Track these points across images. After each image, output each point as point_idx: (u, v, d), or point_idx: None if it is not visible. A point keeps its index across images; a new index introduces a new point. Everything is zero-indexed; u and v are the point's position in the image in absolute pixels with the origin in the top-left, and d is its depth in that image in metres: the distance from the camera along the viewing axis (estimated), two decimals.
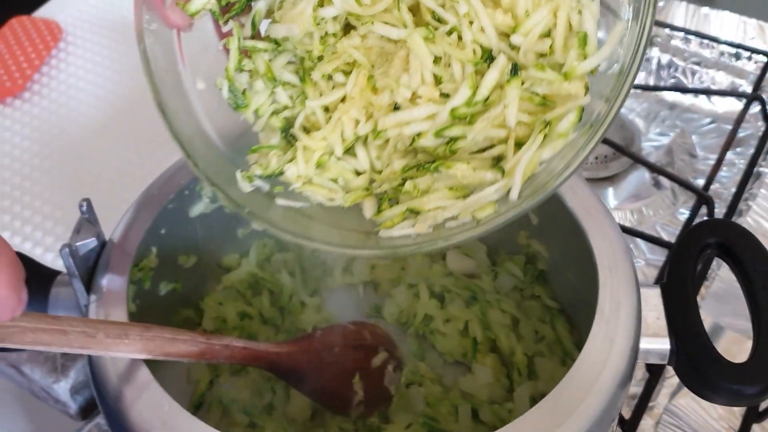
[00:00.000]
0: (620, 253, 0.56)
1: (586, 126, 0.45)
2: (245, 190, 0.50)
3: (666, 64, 1.00)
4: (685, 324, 0.54)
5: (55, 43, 0.96)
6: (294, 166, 0.51)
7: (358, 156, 0.52)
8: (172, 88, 0.49)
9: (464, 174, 0.48)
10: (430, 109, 0.49)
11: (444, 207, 0.48)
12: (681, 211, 0.86)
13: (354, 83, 0.50)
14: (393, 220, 0.49)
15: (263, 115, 0.53)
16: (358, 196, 0.51)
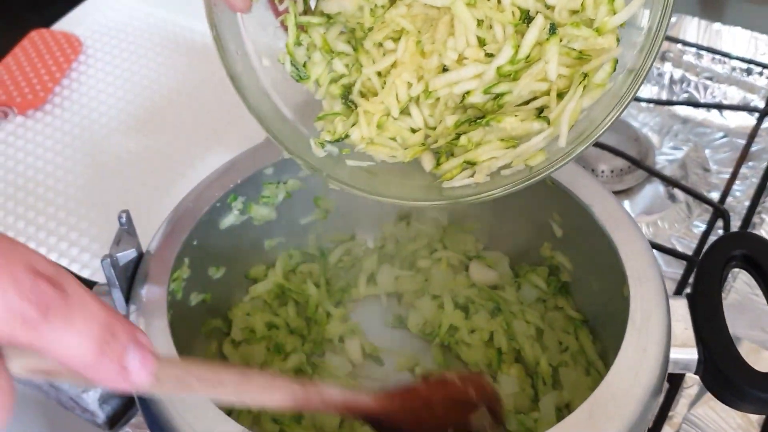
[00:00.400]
0: (649, 264, 0.57)
1: (624, 75, 0.50)
2: (319, 155, 0.56)
3: (679, 79, 1.02)
4: (713, 334, 0.55)
5: (75, 56, 0.97)
6: (357, 129, 0.56)
7: (412, 115, 0.57)
8: (243, 68, 0.54)
9: (513, 126, 0.52)
10: (476, 69, 0.53)
11: (497, 157, 0.53)
12: (695, 224, 0.87)
13: (404, 49, 0.55)
14: (452, 172, 0.54)
15: (323, 84, 0.58)
16: (416, 152, 0.56)
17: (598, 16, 0.51)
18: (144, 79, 0.96)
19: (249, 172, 0.65)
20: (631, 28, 0.51)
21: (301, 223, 0.74)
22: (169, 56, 0.99)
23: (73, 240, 0.80)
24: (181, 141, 0.88)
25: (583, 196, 0.62)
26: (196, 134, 0.89)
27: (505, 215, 0.73)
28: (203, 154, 0.87)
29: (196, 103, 0.93)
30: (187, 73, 0.96)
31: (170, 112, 0.91)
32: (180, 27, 1.03)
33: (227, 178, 0.65)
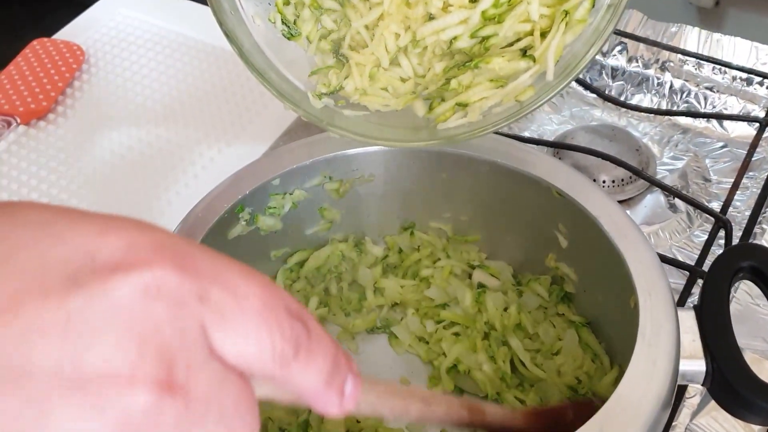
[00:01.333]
0: (658, 276, 0.58)
1: (603, 10, 0.53)
2: (318, 106, 0.58)
3: (679, 89, 1.02)
4: (722, 346, 0.55)
5: (77, 66, 0.97)
6: (351, 81, 0.59)
7: (402, 65, 0.59)
8: (240, 29, 0.57)
9: (501, 66, 0.55)
10: (462, 15, 0.56)
11: (488, 96, 0.56)
12: (696, 234, 0.88)
13: (390, 1, 0.57)
14: (445, 114, 0.57)
15: (313, 40, 0.60)
16: (407, 99, 0.58)
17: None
18: (146, 89, 0.96)
19: (256, 183, 0.66)
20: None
21: (306, 233, 0.74)
22: (172, 65, 0.99)
23: None
24: (185, 151, 0.88)
25: (590, 207, 0.62)
26: (199, 145, 0.89)
27: (509, 226, 0.73)
28: (207, 165, 0.87)
29: (200, 112, 0.93)
30: (190, 83, 0.96)
31: (173, 121, 0.91)
32: (182, 36, 1.03)
33: (235, 189, 0.65)
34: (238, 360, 0.31)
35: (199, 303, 0.30)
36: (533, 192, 0.66)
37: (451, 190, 0.72)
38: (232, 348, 0.31)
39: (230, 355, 0.31)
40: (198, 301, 0.30)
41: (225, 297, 0.31)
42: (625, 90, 1.04)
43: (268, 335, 0.32)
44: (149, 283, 0.28)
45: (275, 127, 0.91)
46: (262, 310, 0.31)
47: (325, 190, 0.71)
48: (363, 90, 0.59)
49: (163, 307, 0.29)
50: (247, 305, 0.31)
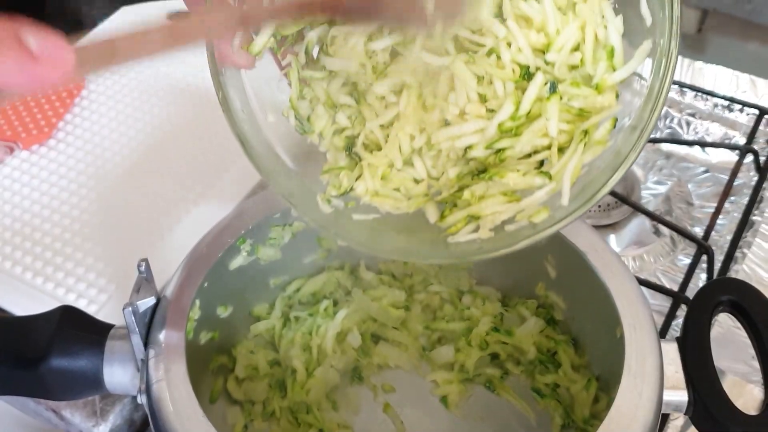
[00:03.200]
0: (642, 311, 0.61)
1: (627, 131, 0.51)
2: (326, 212, 0.57)
3: (662, 115, 1.05)
4: (703, 377, 0.58)
5: (78, 92, 0.99)
6: (362, 183, 0.57)
7: (415, 166, 0.57)
8: (250, 126, 0.55)
9: (515, 181, 0.53)
10: (478, 124, 0.54)
11: (500, 211, 0.54)
12: (680, 258, 0.91)
13: (406, 103, 0.56)
14: (457, 226, 0.55)
15: (327, 136, 0.59)
16: (419, 202, 0.57)
17: (597, 73, 0.52)
18: (146, 115, 0.98)
19: (259, 218, 0.68)
20: (633, 82, 0.52)
21: (305, 262, 0.77)
22: (170, 91, 1.01)
23: (80, 275, 0.82)
24: (184, 179, 0.90)
25: (578, 242, 0.65)
26: (198, 173, 0.91)
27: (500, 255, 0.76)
28: (206, 192, 0.89)
29: (199, 141, 0.95)
30: (189, 114, 0.99)
31: (172, 149, 0.94)
32: (180, 62, 1.05)
33: (238, 223, 0.68)
34: None
35: None
36: None
37: None
38: None
39: None
40: None
41: None
42: None
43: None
44: None
45: None
46: None
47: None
48: (374, 191, 0.57)
49: None
50: None
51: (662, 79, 0.49)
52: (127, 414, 0.73)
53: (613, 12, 0.52)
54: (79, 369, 0.59)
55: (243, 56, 0.55)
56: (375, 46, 0.55)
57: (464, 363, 0.75)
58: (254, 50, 0.55)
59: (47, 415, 0.74)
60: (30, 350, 0.59)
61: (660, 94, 0.49)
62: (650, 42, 0.50)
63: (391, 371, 0.77)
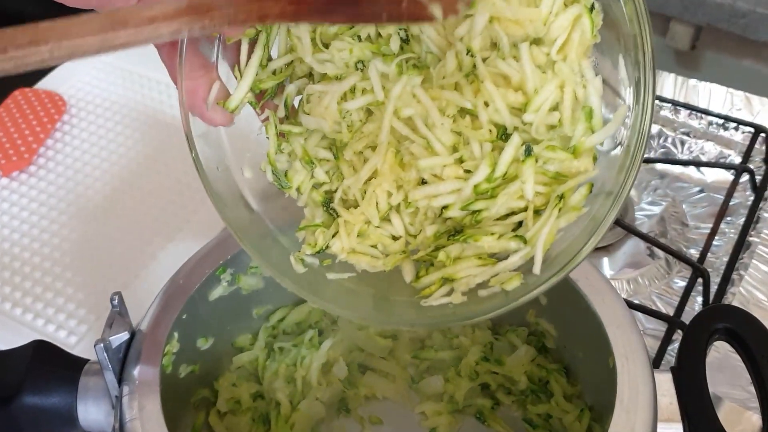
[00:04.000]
0: (635, 341, 0.59)
1: (603, 197, 0.49)
2: (300, 271, 0.56)
3: (656, 134, 1.04)
4: (698, 409, 0.57)
5: (59, 116, 0.98)
6: (338, 240, 0.55)
7: (393, 223, 0.56)
8: (224, 182, 0.54)
9: (490, 245, 0.52)
10: (454, 185, 0.53)
11: (474, 275, 0.53)
12: (675, 281, 0.89)
13: (383, 160, 0.54)
14: (431, 288, 0.54)
15: (304, 191, 0.57)
16: (396, 260, 0.56)
17: (575, 135, 0.50)
18: (126, 141, 0.97)
19: (238, 247, 0.66)
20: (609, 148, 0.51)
21: (289, 290, 0.74)
22: (152, 114, 1.00)
23: (60, 305, 0.80)
24: (165, 206, 0.88)
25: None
26: (182, 196, 0.89)
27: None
28: (189, 217, 0.87)
29: (178, 170, 0.93)
30: (168, 142, 0.97)
31: (152, 174, 0.92)
32: (164, 85, 1.04)
33: (216, 253, 0.66)
34: None
35: None
36: None
37: None
38: None
39: None
40: None
41: None
42: None
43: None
44: None
45: None
46: None
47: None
48: (351, 248, 0.56)
49: None
50: None
51: (637, 143, 0.48)
52: None
53: (593, 71, 0.50)
54: (53, 406, 0.57)
55: (219, 113, 0.52)
56: (348, 106, 0.54)
57: (453, 394, 0.73)
58: (231, 106, 0.53)
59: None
60: (1, 388, 0.57)
61: (635, 158, 0.48)
62: (626, 107, 0.49)
63: (378, 402, 0.75)
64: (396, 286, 0.56)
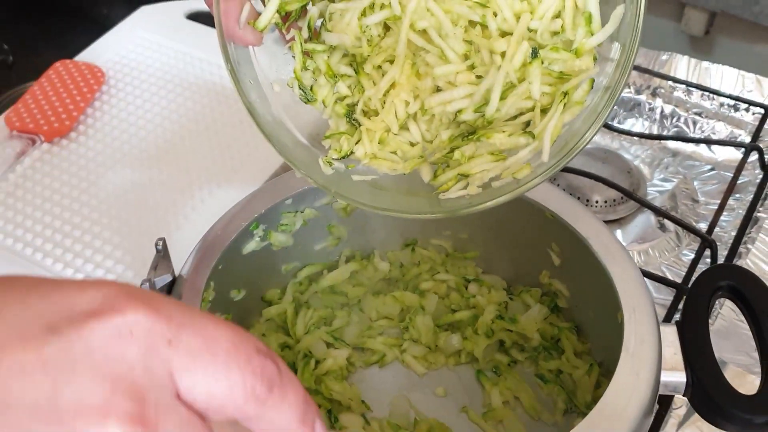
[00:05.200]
0: (642, 294, 0.62)
1: (601, 92, 0.55)
2: (328, 173, 0.60)
3: (669, 114, 1.07)
4: (701, 359, 0.60)
5: (98, 86, 1.02)
6: (361, 146, 0.61)
7: (411, 130, 0.61)
8: (257, 96, 0.59)
9: (501, 141, 0.57)
10: (467, 90, 0.58)
11: (488, 170, 0.58)
12: (685, 253, 0.93)
13: (400, 72, 0.59)
14: (448, 184, 0.59)
15: (329, 104, 0.62)
16: (415, 163, 0.61)
17: (576, 38, 0.55)
18: (164, 109, 1.01)
19: (270, 203, 0.71)
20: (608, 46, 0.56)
21: (315, 249, 0.79)
22: (188, 87, 1.04)
23: (98, 262, 0.84)
24: (201, 169, 0.93)
25: (581, 228, 0.67)
26: (215, 163, 0.94)
27: (505, 244, 0.78)
28: (221, 182, 0.91)
29: (216, 132, 0.98)
30: (208, 105, 1.01)
31: (190, 140, 0.96)
32: (197, 59, 1.08)
33: (251, 208, 0.70)
34: (210, 401, 0.33)
35: (169, 346, 0.32)
36: (528, 214, 0.71)
37: None
38: (202, 389, 0.33)
39: (201, 396, 0.33)
40: (167, 344, 0.32)
41: (195, 339, 0.33)
42: (618, 115, 1.09)
43: (239, 374, 0.33)
44: (122, 326, 0.31)
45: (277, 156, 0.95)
46: (232, 350, 0.33)
47: (334, 209, 0.76)
48: (373, 154, 0.61)
49: (135, 349, 0.31)
50: (216, 346, 0.33)
51: (632, 40, 0.53)
52: None
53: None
54: None
55: (249, 32, 0.57)
56: (368, 21, 0.59)
57: (472, 350, 0.77)
58: (260, 26, 0.58)
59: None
60: None
61: (630, 55, 0.53)
62: (623, 7, 0.54)
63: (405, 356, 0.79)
64: (415, 186, 0.61)
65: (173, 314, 0.33)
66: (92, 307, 0.32)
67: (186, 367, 0.32)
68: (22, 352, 0.30)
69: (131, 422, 0.30)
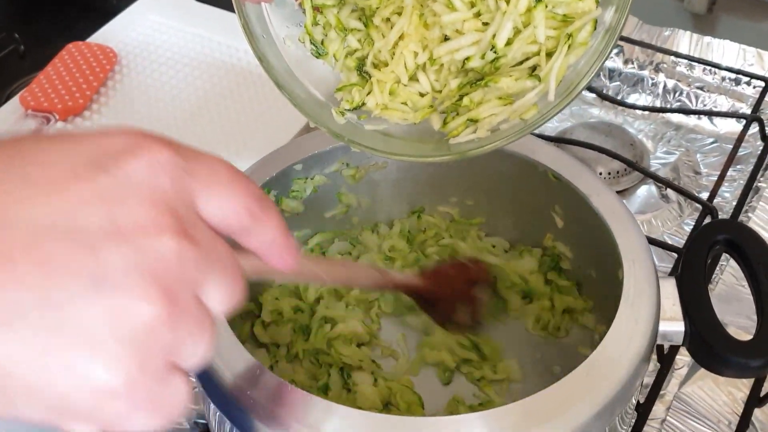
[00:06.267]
0: (641, 248, 0.64)
1: (602, 33, 0.56)
2: (340, 122, 0.63)
3: (672, 89, 1.09)
4: (698, 308, 0.62)
5: (111, 67, 1.04)
6: (372, 97, 0.63)
7: (420, 81, 0.63)
8: (271, 51, 0.62)
9: (509, 85, 0.58)
10: (474, 37, 0.59)
11: (496, 114, 0.59)
12: (687, 222, 0.94)
13: (408, 23, 0.61)
14: (458, 129, 0.60)
15: (339, 58, 0.64)
16: (425, 113, 0.62)
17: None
18: (174, 89, 1.03)
19: (280, 168, 0.73)
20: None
21: (326, 216, 0.81)
22: (198, 66, 1.06)
23: None
24: (213, 145, 0.95)
25: (582, 186, 0.69)
26: (226, 140, 0.96)
27: (510, 210, 0.80)
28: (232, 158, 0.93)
29: (227, 110, 1.00)
30: (216, 82, 1.04)
31: (205, 117, 0.99)
32: (208, 40, 1.10)
33: (262, 172, 0.72)
34: (221, 219, 0.39)
35: (188, 175, 0.38)
36: (532, 175, 0.73)
37: (458, 175, 0.79)
38: (215, 208, 0.39)
39: (214, 214, 0.39)
40: (187, 174, 0.38)
41: (204, 169, 0.39)
42: (621, 90, 1.11)
43: (241, 195, 0.40)
44: (153, 160, 0.37)
45: (286, 133, 0.98)
46: (233, 177, 0.40)
47: (343, 176, 0.78)
48: (384, 105, 0.63)
49: (166, 179, 0.37)
50: (220, 174, 0.40)
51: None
52: None
53: None
54: None
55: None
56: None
57: None
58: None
59: None
60: None
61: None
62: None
63: None
64: (426, 134, 0.62)
65: (183, 150, 0.39)
66: (125, 147, 0.37)
67: (203, 191, 0.38)
68: (79, 186, 0.35)
69: (179, 234, 0.36)
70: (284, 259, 0.43)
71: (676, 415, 0.76)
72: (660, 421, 0.75)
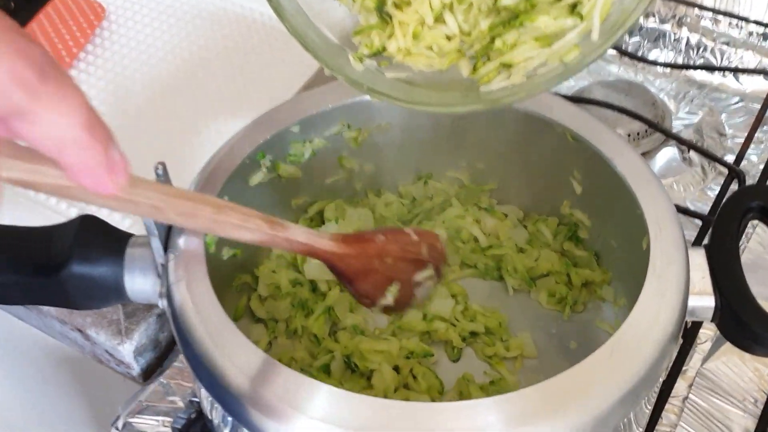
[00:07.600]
0: (669, 214, 0.59)
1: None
2: (358, 69, 0.57)
3: (695, 45, 1.03)
4: (730, 282, 0.57)
5: (98, 22, 0.99)
6: (394, 41, 0.57)
7: (447, 22, 0.56)
8: None
9: (547, 24, 0.52)
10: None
11: (533, 57, 0.53)
12: (710, 187, 0.89)
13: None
14: (489, 75, 0.55)
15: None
16: (452, 58, 0.57)
17: None
18: (166, 44, 0.98)
19: (276, 129, 0.67)
20: None
21: (326, 183, 0.76)
22: (191, 20, 1.00)
23: None
24: (206, 103, 0.90)
25: (605, 149, 0.64)
26: (222, 96, 0.91)
27: (524, 174, 0.75)
28: (227, 118, 0.88)
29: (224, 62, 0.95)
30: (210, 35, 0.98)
31: (195, 72, 0.93)
32: None
33: (256, 134, 0.67)
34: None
35: None
36: (548, 136, 0.68)
37: (468, 136, 0.74)
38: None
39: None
40: None
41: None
42: (641, 46, 1.05)
43: (8, 58, 0.31)
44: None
45: (287, 91, 0.92)
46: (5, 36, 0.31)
47: (344, 138, 0.73)
48: (407, 50, 0.57)
49: None
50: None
51: None
52: (152, 333, 0.73)
53: None
54: (100, 276, 0.58)
55: None
56: None
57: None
58: None
59: (73, 335, 0.74)
60: (51, 258, 0.58)
61: None
62: None
63: None
64: (454, 82, 0.56)
65: None
66: None
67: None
68: None
69: None
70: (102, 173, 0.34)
71: (699, 392, 0.71)
72: (682, 399, 0.71)
